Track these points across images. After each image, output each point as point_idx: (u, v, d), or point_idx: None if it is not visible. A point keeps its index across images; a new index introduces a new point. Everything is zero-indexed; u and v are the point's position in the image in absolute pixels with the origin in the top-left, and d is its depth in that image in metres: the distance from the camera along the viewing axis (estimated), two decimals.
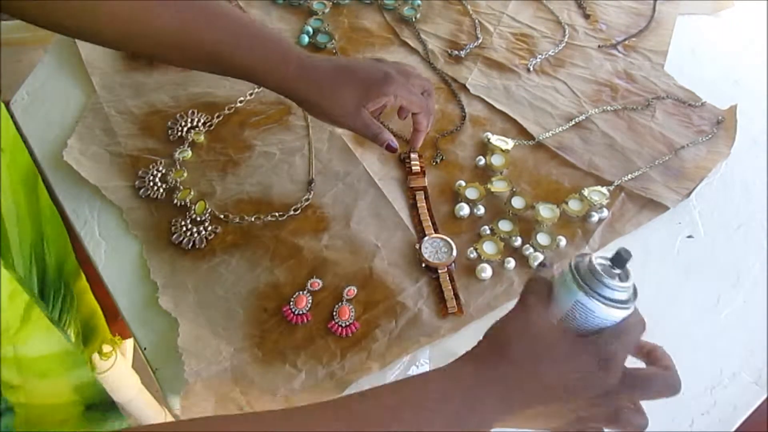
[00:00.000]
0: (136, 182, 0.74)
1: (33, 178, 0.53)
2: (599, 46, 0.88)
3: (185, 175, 0.75)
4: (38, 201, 0.52)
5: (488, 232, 0.69)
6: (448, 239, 0.68)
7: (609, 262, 0.45)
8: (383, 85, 0.62)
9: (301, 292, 0.65)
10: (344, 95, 0.61)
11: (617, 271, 0.45)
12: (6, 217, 0.50)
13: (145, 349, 0.63)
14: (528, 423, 0.45)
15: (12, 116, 0.81)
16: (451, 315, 0.63)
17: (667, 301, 0.65)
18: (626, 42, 0.88)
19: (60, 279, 0.65)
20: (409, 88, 0.64)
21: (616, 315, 0.44)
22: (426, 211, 0.71)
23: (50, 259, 0.61)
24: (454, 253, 0.66)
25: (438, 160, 0.76)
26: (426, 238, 0.68)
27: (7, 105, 0.83)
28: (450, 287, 0.64)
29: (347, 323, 0.63)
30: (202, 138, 0.78)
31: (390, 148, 0.65)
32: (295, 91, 0.62)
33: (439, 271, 0.65)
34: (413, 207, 0.71)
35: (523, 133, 0.79)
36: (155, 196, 0.73)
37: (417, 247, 0.67)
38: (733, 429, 0.58)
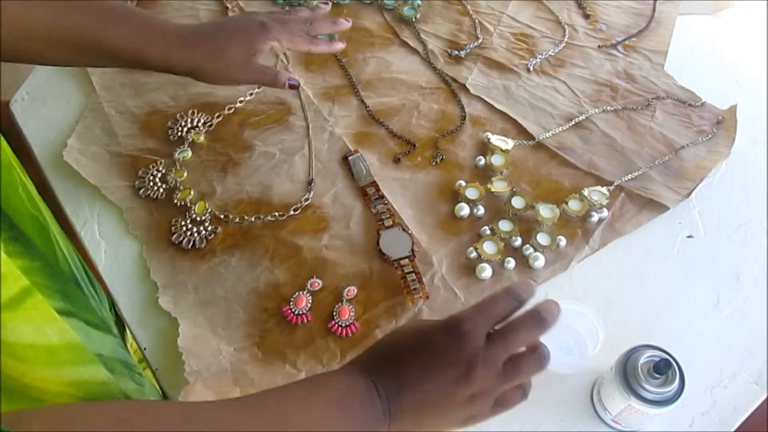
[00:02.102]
0: (136, 182, 0.74)
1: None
2: (599, 46, 0.88)
3: (185, 175, 0.75)
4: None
5: (488, 232, 0.69)
6: (402, 227, 0.69)
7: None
8: (264, 33, 0.65)
9: (301, 292, 0.65)
10: (231, 52, 0.63)
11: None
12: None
13: (145, 349, 0.63)
14: (418, 425, 0.45)
15: (12, 116, 0.81)
16: (419, 299, 0.64)
17: (667, 301, 0.65)
18: (626, 42, 0.88)
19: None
20: (291, 30, 0.67)
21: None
22: (382, 203, 0.71)
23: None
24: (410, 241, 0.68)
25: (438, 160, 0.76)
26: (383, 232, 0.69)
27: (7, 105, 0.83)
28: (415, 274, 0.65)
29: (347, 323, 0.63)
30: (202, 138, 0.78)
31: (292, 86, 0.67)
32: (183, 62, 0.63)
33: (402, 263, 0.66)
34: (368, 207, 0.72)
35: (523, 133, 0.79)
36: (155, 196, 0.73)
37: (377, 243, 0.68)
38: (733, 429, 0.58)
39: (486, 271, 0.66)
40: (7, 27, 0.55)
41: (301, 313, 0.64)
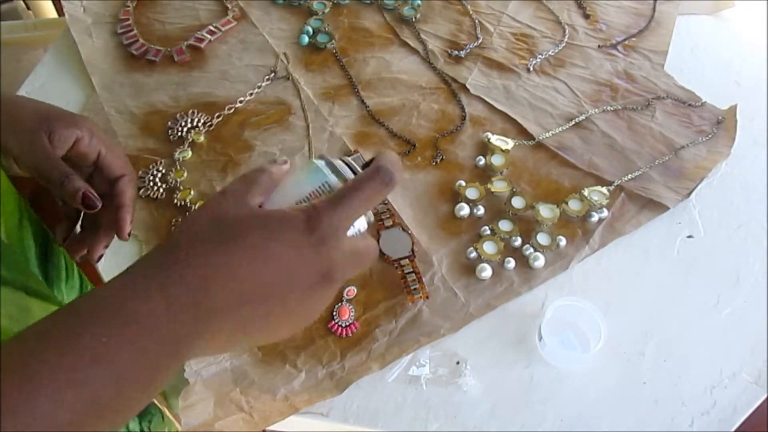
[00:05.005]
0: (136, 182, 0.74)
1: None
2: (599, 46, 0.88)
3: (185, 175, 0.75)
4: None
5: (488, 232, 0.69)
6: (402, 227, 0.69)
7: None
8: (71, 115, 0.52)
9: None
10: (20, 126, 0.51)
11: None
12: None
13: None
14: (248, 339, 0.39)
15: None
16: (419, 299, 0.64)
17: (667, 301, 0.65)
18: (626, 42, 0.88)
19: None
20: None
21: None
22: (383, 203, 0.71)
23: None
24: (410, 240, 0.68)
25: (438, 160, 0.76)
26: (383, 232, 0.69)
27: None
28: (414, 274, 0.65)
29: (347, 323, 0.63)
30: (202, 138, 0.78)
31: (87, 204, 0.52)
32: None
33: (402, 263, 0.66)
34: None
35: (523, 133, 0.79)
36: (155, 196, 0.73)
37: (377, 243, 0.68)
38: (733, 429, 0.58)
39: (486, 271, 0.66)
40: None
41: None
